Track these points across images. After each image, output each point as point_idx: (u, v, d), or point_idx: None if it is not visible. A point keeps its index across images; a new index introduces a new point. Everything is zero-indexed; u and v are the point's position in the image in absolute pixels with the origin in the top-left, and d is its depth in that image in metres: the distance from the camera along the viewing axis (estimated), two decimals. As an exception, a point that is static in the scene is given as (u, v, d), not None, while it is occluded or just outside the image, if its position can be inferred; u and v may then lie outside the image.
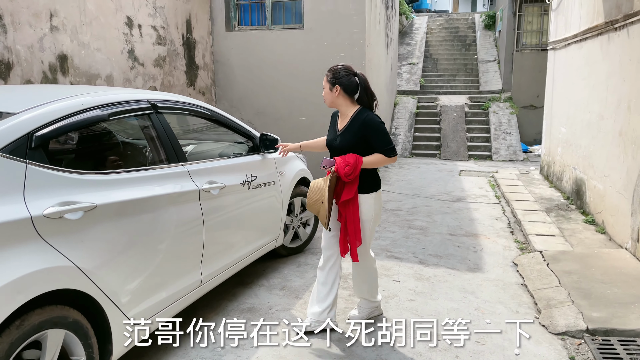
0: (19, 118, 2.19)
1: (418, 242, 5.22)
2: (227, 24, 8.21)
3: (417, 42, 16.55)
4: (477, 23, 17.21)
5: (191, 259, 3.09)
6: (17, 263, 1.95)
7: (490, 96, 13.20)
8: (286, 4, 8.10)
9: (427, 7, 24.37)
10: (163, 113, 3.08)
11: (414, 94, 13.95)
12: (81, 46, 5.52)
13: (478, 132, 12.07)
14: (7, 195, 2.01)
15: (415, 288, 4.02)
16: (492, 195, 7.42)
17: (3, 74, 4.65)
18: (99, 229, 2.37)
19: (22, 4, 4.79)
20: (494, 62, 14.82)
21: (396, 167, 9.96)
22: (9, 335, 1.90)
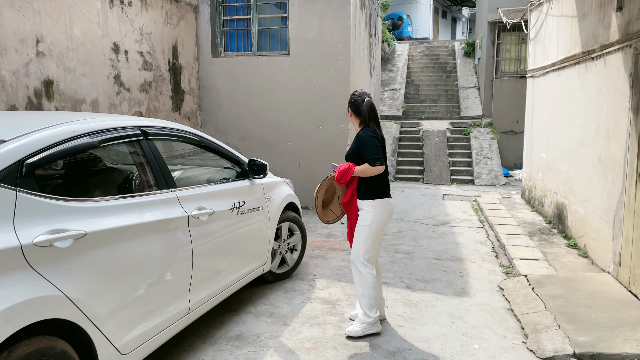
0: (10, 145, 2.18)
1: (405, 266, 5.24)
2: (213, 50, 8.28)
3: (399, 68, 16.87)
4: (457, 50, 17.64)
5: (179, 286, 3.06)
6: (6, 293, 1.91)
7: (471, 121, 13.46)
8: (272, 31, 8.23)
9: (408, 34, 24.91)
10: (153, 139, 3.08)
11: (397, 119, 14.15)
12: (67, 71, 5.51)
13: (460, 156, 12.26)
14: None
15: (403, 313, 4.02)
16: (476, 220, 7.50)
17: (-13, 98, 4.61)
18: (88, 256, 2.34)
19: (8, 29, 4.79)
20: (474, 88, 15.16)
21: (380, 191, 10.01)
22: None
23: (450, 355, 3.34)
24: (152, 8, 6.97)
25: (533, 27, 8.27)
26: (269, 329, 3.72)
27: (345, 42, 7.68)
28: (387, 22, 23.53)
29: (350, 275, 4.90)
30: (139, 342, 2.67)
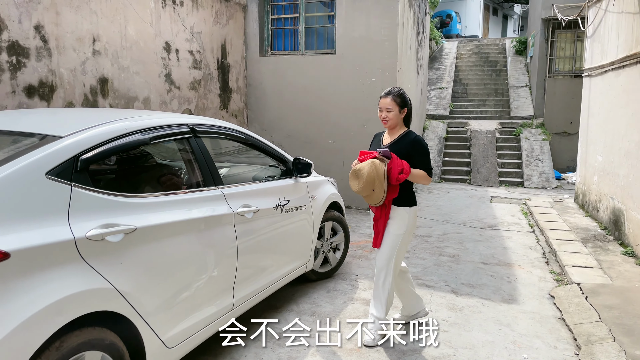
0: (66, 141, 2.25)
1: (450, 270, 5.12)
2: (260, 48, 8.36)
3: (446, 67, 16.54)
4: (507, 48, 17.12)
5: (224, 282, 3.09)
6: (60, 284, 1.98)
7: (521, 122, 13.03)
8: (319, 29, 8.23)
9: (456, 32, 24.40)
10: (201, 137, 3.13)
11: (443, 118, 13.88)
12: (121, 70, 5.70)
13: (509, 158, 11.89)
14: (53, 217, 2.06)
15: (448, 318, 3.93)
16: (525, 224, 7.25)
17: (47, 95, 4.82)
18: (137, 251, 2.40)
19: (67, 28, 4.99)
20: (525, 87, 14.67)
21: (425, 192, 9.86)
22: (49, 356, 1.92)
23: (497, 364, 3.23)
24: (202, 7, 7.11)
25: (591, 24, 7.90)
26: (311, 328, 3.71)
27: (392, 40, 7.58)
28: (436, 19, 23.11)
29: (394, 277, 4.83)
30: (184, 336, 2.71)
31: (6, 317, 1.79)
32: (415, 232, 6.64)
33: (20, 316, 1.83)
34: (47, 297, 1.92)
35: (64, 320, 1.97)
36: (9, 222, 1.91)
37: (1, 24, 4.34)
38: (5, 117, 3.03)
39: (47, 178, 2.09)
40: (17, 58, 4.50)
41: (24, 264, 1.89)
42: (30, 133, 2.36)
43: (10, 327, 1.79)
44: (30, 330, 1.85)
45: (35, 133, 2.35)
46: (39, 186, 2.06)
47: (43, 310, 1.89)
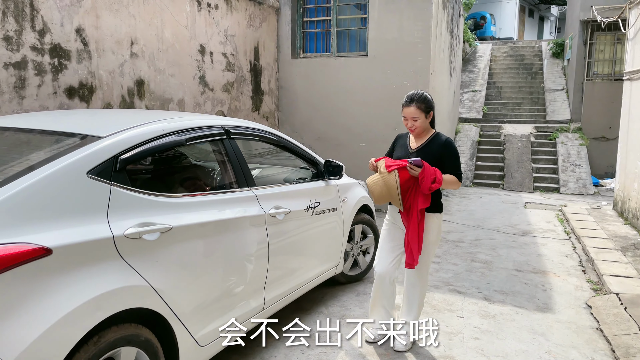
0: (106, 142, 2.31)
1: (482, 276, 5.03)
2: (292, 51, 8.41)
3: (480, 69, 16.29)
4: (544, 51, 16.74)
5: (255, 283, 3.12)
6: (99, 281, 2.04)
7: (557, 126, 12.72)
8: (351, 32, 8.22)
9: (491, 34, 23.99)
10: (235, 138, 3.17)
11: (476, 121, 13.66)
12: (157, 72, 5.82)
13: (545, 163, 11.62)
14: (93, 215, 2.11)
15: (480, 326, 3.86)
16: (561, 231, 7.06)
17: (86, 97, 4.96)
18: (172, 250, 2.44)
19: (106, 31, 5.13)
20: (562, 91, 14.31)
21: (457, 196, 9.72)
22: (87, 351, 1.97)
23: (530, 374, 3.16)
24: (236, 11, 7.20)
25: (632, 26, 7.65)
26: (340, 331, 3.70)
27: (425, 42, 7.51)
28: (469, 21, 22.80)
29: (424, 282, 4.77)
30: (216, 335, 2.75)
31: (48, 311, 1.85)
32: (447, 237, 6.55)
33: (62, 310, 1.88)
34: (87, 292, 1.97)
35: (102, 315, 2.02)
36: (51, 219, 1.97)
37: (44, 26, 4.49)
38: (48, 117, 3.14)
39: (87, 177, 2.15)
40: (58, 60, 4.65)
41: (65, 260, 1.95)
42: (72, 133, 2.43)
43: (52, 321, 1.85)
44: (71, 324, 1.90)
45: (77, 133, 2.42)
46: (80, 185, 2.12)
47: (83, 306, 1.94)
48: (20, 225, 1.87)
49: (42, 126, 2.67)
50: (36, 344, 1.78)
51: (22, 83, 4.35)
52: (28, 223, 1.89)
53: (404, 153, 3.29)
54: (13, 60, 4.26)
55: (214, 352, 2.81)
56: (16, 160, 2.27)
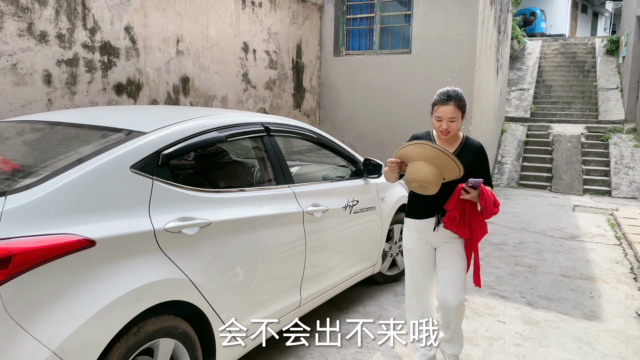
0: (149, 137, 2.37)
1: (526, 281, 4.87)
2: (335, 48, 8.40)
3: (528, 67, 15.78)
4: (597, 48, 16.05)
5: (292, 280, 3.13)
6: (139, 273, 2.09)
7: (610, 126, 12.16)
8: (394, 29, 8.13)
9: (541, 31, 23.20)
10: (274, 136, 3.18)
11: (524, 121, 13.25)
12: (202, 69, 5.93)
13: (595, 164, 11.14)
14: (135, 209, 2.17)
15: (522, 332, 3.74)
16: (612, 236, 6.75)
17: (133, 93, 5.12)
18: (211, 244, 2.48)
19: (153, 30, 5.26)
20: (616, 90, 13.68)
21: (501, 197, 9.46)
22: (127, 340, 2.03)
23: (575, 384, 3.03)
24: (280, 8, 7.25)
25: (696, 20, 7.21)
26: (376, 331, 3.67)
27: (471, 39, 7.34)
28: (518, 17, 22.12)
29: (465, 285, 4.67)
30: (252, 330, 2.77)
31: (91, 300, 1.91)
32: (489, 239, 6.38)
33: (104, 300, 1.94)
34: (128, 284, 2.03)
35: (142, 306, 2.07)
36: (96, 211, 2.03)
37: (95, 25, 4.66)
38: (96, 113, 3.25)
39: (131, 171, 2.20)
40: (108, 57, 4.81)
41: (108, 251, 2.00)
42: (118, 128, 2.50)
43: (94, 310, 1.90)
44: (112, 313, 1.96)
45: (122, 129, 2.49)
46: (124, 179, 2.18)
47: (124, 296, 2.00)
48: (66, 217, 1.94)
49: (90, 121, 2.76)
50: (79, 332, 1.84)
51: (74, 79, 4.52)
52: (73, 215, 1.96)
53: None
54: (65, 58, 4.43)
55: (251, 347, 2.83)
56: (65, 154, 2.35)
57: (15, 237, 1.76)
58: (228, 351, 2.60)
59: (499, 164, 11.49)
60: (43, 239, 1.82)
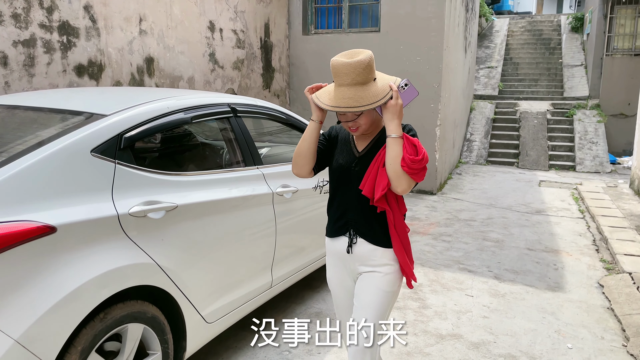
0: (110, 120, 2.30)
1: (493, 255, 4.99)
2: (303, 27, 8.30)
3: (496, 45, 15.95)
4: (563, 25, 16.31)
5: (263, 261, 3.13)
6: (104, 258, 2.05)
7: (575, 103, 12.46)
8: (363, 7, 8.07)
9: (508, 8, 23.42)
10: (242, 117, 3.14)
11: (492, 98, 13.44)
12: (166, 49, 5.78)
13: (561, 140, 11.42)
14: (97, 193, 2.12)
15: (489, 304, 3.84)
16: (576, 209, 6.97)
17: (95, 75, 4.96)
18: (178, 228, 2.45)
19: (114, 8, 5.09)
20: (580, 66, 13.98)
21: (470, 174, 9.62)
22: (93, 327, 2.00)
23: (539, 353, 3.14)
24: (246, -14, 7.09)
25: (655, -3, 7.39)
26: (348, 309, 3.72)
27: (439, 17, 7.34)
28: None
29: (433, 260, 4.77)
30: (223, 312, 2.77)
31: (54, 288, 1.87)
32: (458, 216, 6.51)
33: (67, 287, 1.90)
34: (92, 270, 1.99)
35: (107, 292, 2.04)
36: (56, 197, 1.97)
37: (52, 3, 4.47)
38: (56, 95, 3.14)
39: (92, 155, 2.14)
40: (67, 38, 4.64)
41: (70, 238, 1.96)
42: (78, 111, 2.42)
43: (58, 297, 1.86)
44: (77, 300, 1.92)
45: (83, 111, 2.41)
46: (84, 163, 2.11)
47: (88, 283, 1.96)
48: (25, 203, 1.88)
49: (49, 104, 2.66)
50: (42, 320, 1.80)
51: (32, 61, 4.35)
52: (32, 201, 1.90)
53: (347, 159, 2.07)
54: (22, 38, 4.26)
55: (223, 328, 2.83)
56: (23, 138, 2.27)
57: (-29, 225, 1.70)
58: (198, 334, 2.60)
59: (468, 141, 11.66)
60: (1, 226, 1.76)
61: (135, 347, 2.22)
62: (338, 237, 2.11)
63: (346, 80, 1.87)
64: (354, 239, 2.05)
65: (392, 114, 1.87)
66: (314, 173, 2.12)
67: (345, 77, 1.88)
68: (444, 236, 5.59)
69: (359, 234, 2.04)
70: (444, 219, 6.32)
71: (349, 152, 2.09)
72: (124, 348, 2.17)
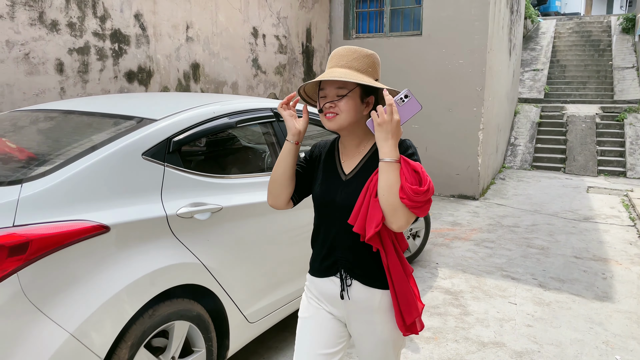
0: (160, 124, 2.40)
1: (538, 262, 4.86)
2: (345, 32, 8.34)
3: (542, 47, 15.52)
4: (613, 26, 15.72)
5: (302, 264, 3.16)
6: (153, 257, 2.13)
7: (626, 106, 11.96)
8: (405, 10, 8.04)
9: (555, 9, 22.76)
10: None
11: (537, 102, 13.08)
12: (211, 55, 5.94)
13: (610, 145, 11.00)
14: (147, 195, 2.21)
15: (533, 313, 3.75)
16: (626, 217, 6.70)
17: (144, 80, 5.15)
18: (222, 229, 2.51)
19: (163, 16, 5.27)
20: (632, 69, 13.42)
21: (514, 179, 9.40)
22: (143, 323, 2.08)
23: (586, 365, 3.05)
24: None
25: None
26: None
27: (483, 19, 7.23)
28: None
29: (475, 266, 4.69)
30: (265, 312, 2.82)
31: (107, 285, 1.96)
32: (502, 222, 6.37)
33: (119, 284, 1.99)
34: (142, 268, 2.07)
35: (156, 290, 2.12)
36: (109, 198, 2.07)
37: (105, 12, 4.68)
38: (109, 100, 3.28)
39: (142, 158, 2.24)
40: (119, 45, 4.83)
41: (122, 237, 2.05)
42: (130, 116, 2.53)
43: (110, 294, 1.96)
44: (127, 297, 2.01)
45: (134, 116, 2.52)
46: (136, 166, 2.21)
47: (138, 281, 2.05)
48: (80, 204, 1.98)
49: (102, 109, 2.79)
50: (95, 315, 1.90)
51: (85, 68, 4.56)
52: (88, 201, 2.00)
53: (331, 185, 1.69)
54: (77, 46, 4.47)
55: (264, 329, 2.89)
56: (78, 142, 2.39)
57: (32, 223, 1.81)
58: (240, 333, 2.66)
59: (512, 146, 11.39)
60: (59, 225, 1.86)
61: (181, 343, 2.30)
62: (327, 277, 1.72)
63: (341, 61, 1.59)
64: (347, 281, 1.67)
65: (385, 132, 1.48)
66: (292, 204, 1.80)
67: (341, 59, 1.60)
68: (486, 242, 5.49)
69: (353, 276, 1.66)
70: (486, 225, 6.21)
71: (333, 174, 1.69)
72: (170, 344, 2.25)
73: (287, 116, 1.71)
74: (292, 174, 1.75)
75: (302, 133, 1.71)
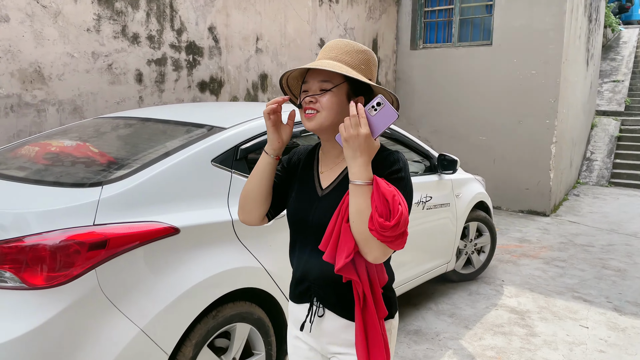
0: (229, 132, 2.50)
1: (613, 285, 4.57)
2: (412, 42, 8.28)
3: (624, 57, 14.64)
4: None
5: (363, 274, 3.16)
6: (219, 259, 2.22)
7: None
8: (474, 20, 7.88)
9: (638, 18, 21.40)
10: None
11: (617, 115, 12.33)
12: (279, 66, 6.09)
13: (700, 162, 10.16)
14: (215, 200, 2.31)
15: (607, 338, 3.53)
16: None
17: (216, 90, 5.37)
18: (284, 235, 2.56)
19: (235, 29, 5.48)
20: None
21: (589, 196, 8.90)
22: (207, 323, 2.17)
23: (665, 398, 2.83)
24: (356, 4, 7.26)
25: None
26: (449, 329, 3.62)
27: (558, 29, 6.94)
28: (613, 4, 20.52)
29: (544, 286, 4.48)
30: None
31: (175, 284, 2.06)
32: (574, 240, 6.05)
33: (186, 284, 2.09)
34: (208, 270, 2.17)
35: (221, 292, 2.21)
36: (180, 201, 2.18)
37: (181, 26, 4.93)
38: (182, 109, 3.46)
39: (212, 165, 2.34)
40: (193, 57, 5.08)
41: (191, 239, 2.15)
42: (201, 124, 2.66)
43: (178, 293, 2.06)
44: (194, 297, 2.10)
45: (205, 124, 2.64)
46: (205, 172, 2.32)
47: (205, 281, 2.14)
48: (154, 206, 2.10)
49: (176, 117, 2.95)
50: (164, 313, 2.00)
51: (162, 78, 4.83)
52: (160, 204, 2.12)
53: (305, 199, 1.48)
54: (155, 57, 4.74)
55: (321, 337, 2.91)
56: (154, 148, 2.54)
57: (110, 223, 1.94)
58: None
59: (588, 160, 10.80)
60: (134, 225, 1.99)
61: (242, 345, 2.37)
62: (302, 304, 1.52)
63: (331, 53, 1.39)
64: (318, 311, 1.46)
65: (352, 149, 1.26)
66: (267, 220, 1.58)
67: (331, 50, 1.40)
68: (556, 261, 5.23)
69: (326, 305, 1.44)
70: (557, 243, 5.92)
71: (309, 187, 1.48)
72: (232, 345, 2.33)
73: (270, 126, 1.45)
74: (269, 191, 1.51)
75: (284, 146, 1.47)
